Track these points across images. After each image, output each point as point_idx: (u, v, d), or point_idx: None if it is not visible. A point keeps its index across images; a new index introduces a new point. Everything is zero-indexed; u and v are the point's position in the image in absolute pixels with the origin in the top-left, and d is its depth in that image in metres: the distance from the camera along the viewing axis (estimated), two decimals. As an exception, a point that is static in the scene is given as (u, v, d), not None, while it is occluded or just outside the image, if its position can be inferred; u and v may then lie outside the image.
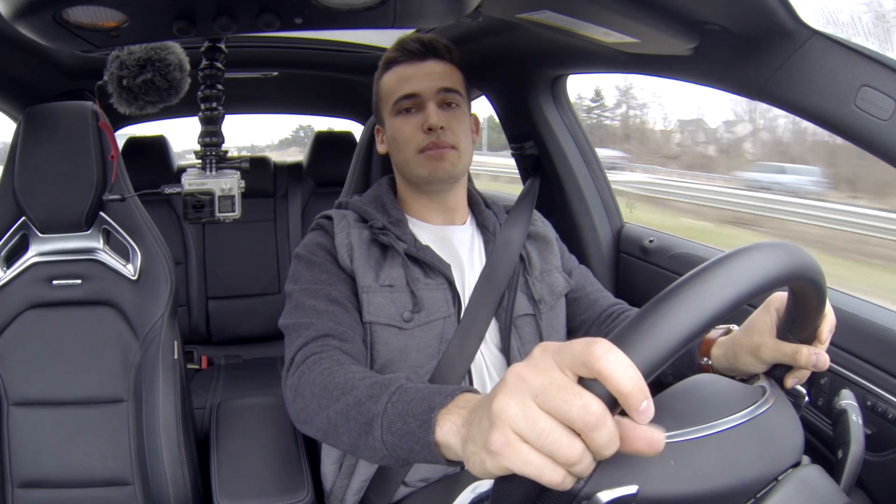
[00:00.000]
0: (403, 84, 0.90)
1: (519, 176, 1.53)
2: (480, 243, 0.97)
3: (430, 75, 0.90)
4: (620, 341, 0.37)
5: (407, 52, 0.91)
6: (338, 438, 0.66)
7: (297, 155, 2.23)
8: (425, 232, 0.93)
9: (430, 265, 0.88)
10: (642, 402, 0.35)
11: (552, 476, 0.36)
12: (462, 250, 0.94)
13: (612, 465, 0.41)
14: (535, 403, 0.37)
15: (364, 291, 0.84)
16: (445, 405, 0.52)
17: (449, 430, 0.51)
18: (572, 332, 0.99)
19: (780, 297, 0.61)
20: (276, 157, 2.32)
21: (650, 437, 0.36)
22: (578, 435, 0.36)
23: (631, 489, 0.42)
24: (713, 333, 0.70)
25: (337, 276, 0.86)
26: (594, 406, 0.35)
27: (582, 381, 0.37)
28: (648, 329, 0.38)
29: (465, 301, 0.90)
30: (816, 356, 0.56)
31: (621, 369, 0.35)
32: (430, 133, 0.88)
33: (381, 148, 0.99)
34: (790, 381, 0.59)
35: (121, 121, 1.88)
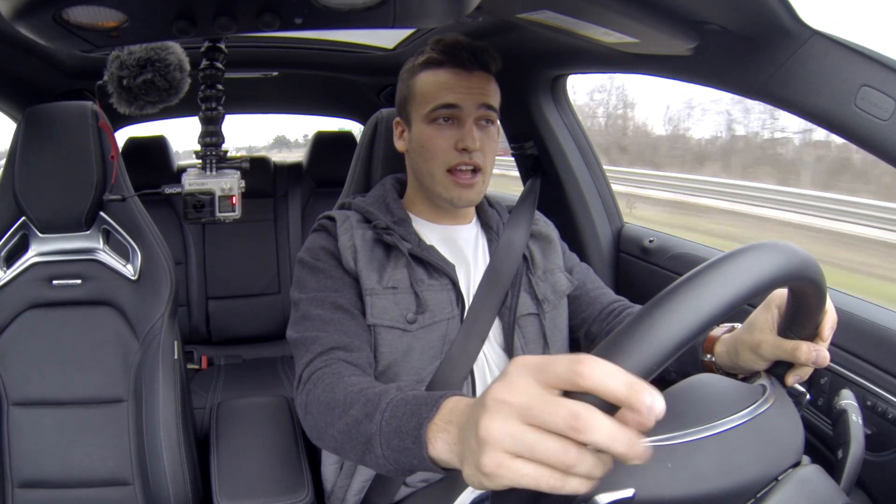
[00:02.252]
0: (445, 92, 0.85)
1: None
2: (484, 242, 0.96)
3: (474, 89, 0.86)
4: (611, 351, 0.37)
5: (455, 59, 0.86)
6: (347, 454, 0.68)
7: (275, 155, 2.26)
8: (430, 231, 0.93)
9: (434, 266, 0.87)
10: (644, 398, 0.34)
11: (551, 482, 0.36)
12: (467, 250, 0.94)
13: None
14: (521, 421, 0.37)
15: (368, 294, 0.84)
16: (432, 418, 0.52)
17: (442, 448, 0.51)
18: (573, 330, 0.99)
19: (780, 295, 0.61)
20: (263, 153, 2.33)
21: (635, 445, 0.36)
22: (572, 441, 0.36)
23: (627, 492, 0.42)
24: (717, 330, 0.70)
25: (342, 280, 0.85)
26: (580, 410, 0.35)
27: (569, 395, 0.36)
28: (640, 338, 0.38)
29: (468, 301, 0.90)
30: (816, 352, 0.56)
31: (609, 379, 0.34)
32: (464, 153, 0.85)
33: (399, 145, 0.95)
34: (791, 379, 0.59)
35: (121, 121, 1.88)
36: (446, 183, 0.87)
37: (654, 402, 0.34)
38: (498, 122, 0.92)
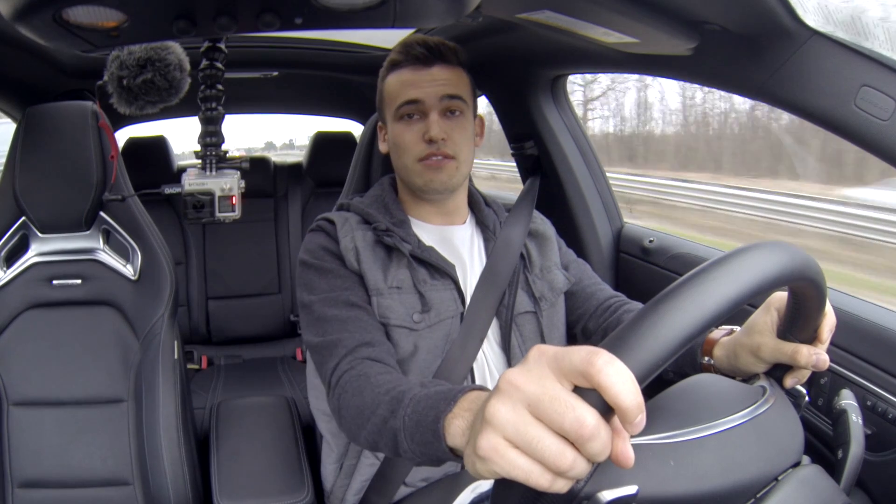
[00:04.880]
0: (407, 90, 0.88)
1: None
2: (480, 242, 0.97)
3: (435, 82, 0.88)
4: (617, 345, 0.37)
5: (412, 57, 0.89)
6: (384, 451, 0.70)
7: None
8: (426, 232, 0.93)
9: (435, 266, 0.88)
10: (637, 416, 0.35)
11: (540, 481, 0.36)
12: (463, 250, 0.94)
13: (613, 465, 0.41)
14: (528, 411, 0.37)
15: (374, 294, 0.84)
16: (451, 410, 0.53)
17: (456, 432, 0.52)
18: (570, 326, 0.99)
19: (780, 297, 0.61)
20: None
21: (621, 452, 0.37)
22: (571, 443, 0.36)
23: (631, 489, 0.42)
24: (716, 333, 0.70)
25: (350, 279, 0.85)
26: (588, 419, 0.35)
27: (577, 390, 0.36)
28: (646, 333, 0.38)
29: (467, 300, 0.90)
30: (816, 356, 0.56)
31: (621, 383, 0.34)
32: (431, 144, 0.87)
33: (382, 147, 0.98)
34: (790, 381, 0.59)
35: (121, 121, 1.88)
36: (418, 170, 0.89)
37: (642, 421, 0.35)
38: (470, 112, 0.92)
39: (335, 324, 0.80)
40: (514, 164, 1.53)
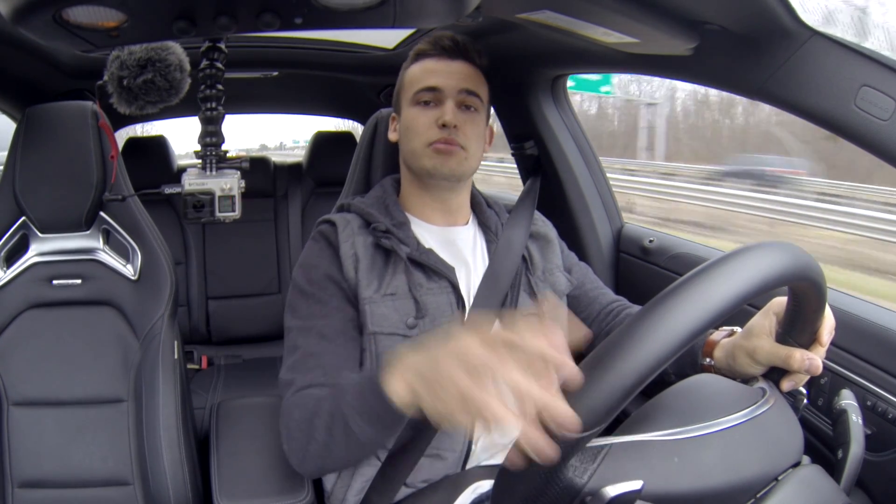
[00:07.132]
0: (428, 76, 0.91)
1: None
2: (483, 243, 0.96)
3: (456, 74, 0.90)
4: (595, 367, 0.39)
5: (439, 48, 0.92)
6: (335, 458, 0.72)
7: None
8: (428, 234, 0.93)
9: (433, 269, 0.87)
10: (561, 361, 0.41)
11: (460, 418, 0.44)
12: (466, 252, 0.94)
13: (618, 460, 0.41)
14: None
15: (367, 302, 0.84)
16: (385, 371, 0.59)
17: (398, 389, 0.57)
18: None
19: (779, 302, 0.62)
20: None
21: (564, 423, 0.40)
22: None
23: (636, 484, 0.42)
24: (717, 335, 0.71)
25: (330, 304, 0.85)
26: (475, 349, 0.44)
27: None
28: (630, 349, 0.39)
29: (469, 303, 0.89)
30: (809, 361, 0.57)
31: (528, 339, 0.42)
32: (444, 129, 0.88)
33: (392, 136, 0.99)
34: (786, 385, 0.60)
35: (121, 121, 1.88)
36: (428, 153, 0.89)
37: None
38: (484, 112, 0.94)
39: (300, 358, 0.83)
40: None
